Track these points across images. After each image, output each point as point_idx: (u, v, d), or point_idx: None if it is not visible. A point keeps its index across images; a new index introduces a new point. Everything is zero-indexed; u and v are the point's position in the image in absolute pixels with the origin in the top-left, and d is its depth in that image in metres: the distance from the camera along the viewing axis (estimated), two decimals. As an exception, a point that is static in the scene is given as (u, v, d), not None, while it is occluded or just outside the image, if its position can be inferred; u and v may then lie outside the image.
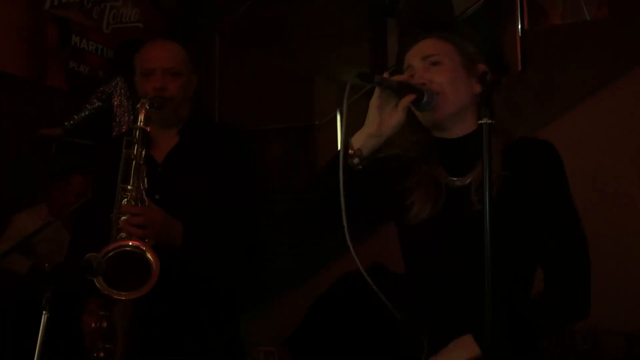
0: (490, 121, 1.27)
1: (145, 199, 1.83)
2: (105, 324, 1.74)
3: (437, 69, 1.46)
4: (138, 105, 1.91)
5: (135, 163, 1.85)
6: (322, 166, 1.46)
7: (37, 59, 4.16)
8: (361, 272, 1.39)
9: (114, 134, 3.64)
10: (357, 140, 1.40)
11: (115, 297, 1.69)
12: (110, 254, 1.71)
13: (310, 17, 4.79)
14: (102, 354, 1.73)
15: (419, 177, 1.48)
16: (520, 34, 2.82)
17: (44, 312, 1.12)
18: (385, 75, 1.37)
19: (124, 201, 1.83)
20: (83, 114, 3.95)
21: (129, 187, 1.84)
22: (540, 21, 2.98)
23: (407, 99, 1.37)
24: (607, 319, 2.53)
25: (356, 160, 1.39)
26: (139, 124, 1.87)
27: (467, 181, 1.45)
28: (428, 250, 1.47)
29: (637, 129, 2.64)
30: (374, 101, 1.39)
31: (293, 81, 4.56)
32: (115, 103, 3.96)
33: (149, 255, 1.72)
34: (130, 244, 1.74)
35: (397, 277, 1.56)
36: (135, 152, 1.86)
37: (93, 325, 1.75)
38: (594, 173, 2.72)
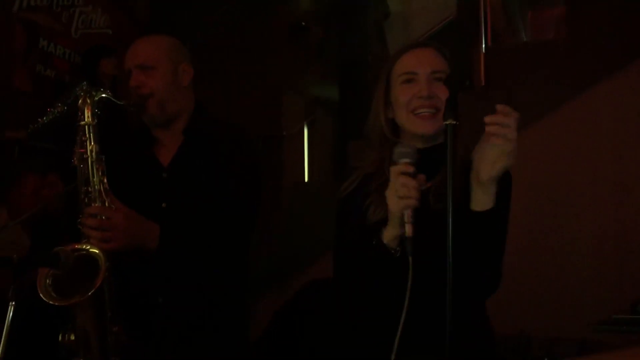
0: (455, 122, 1.33)
1: (106, 199, 1.74)
2: (72, 337, 1.64)
3: (439, 85, 1.49)
4: (80, 102, 1.78)
5: (90, 162, 1.75)
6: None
7: (4, 61, 4.10)
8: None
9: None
10: (392, 242, 1.42)
11: (64, 303, 1.59)
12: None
13: (280, 29, 4.84)
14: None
15: (378, 183, 1.53)
16: (483, 51, 2.91)
17: (10, 302, 1.11)
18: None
19: (86, 203, 1.73)
20: (47, 118, 3.91)
21: (89, 188, 1.74)
22: (502, 40, 3.10)
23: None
24: (560, 327, 2.62)
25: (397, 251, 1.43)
26: (86, 119, 1.75)
27: (427, 186, 1.48)
28: None
29: (592, 144, 2.75)
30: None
31: (261, 91, 4.59)
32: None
33: (93, 251, 1.64)
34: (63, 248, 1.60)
35: None
36: (88, 150, 1.75)
37: (60, 340, 1.64)
38: (550, 184, 2.82)
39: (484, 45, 2.94)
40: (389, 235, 1.43)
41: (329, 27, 4.53)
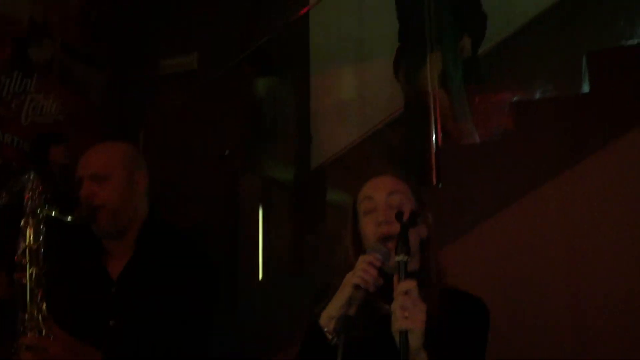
0: (406, 258, 1.34)
1: (43, 327, 1.64)
2: None
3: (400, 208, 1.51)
4: (22, 224, 1.73)
5: (29, 288, 1.66)
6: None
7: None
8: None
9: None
10: (329, 323, 1.44)
11: None
12: None
13: (237, 114, 4.88)
14: None
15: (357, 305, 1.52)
16: (434, 150, 2.98)
17: None
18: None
19: (21, 332, 1.65)
20: (-9, 208, 3.77)
21: (25, 315, 1.65)
22: (453, 138, 3.18)
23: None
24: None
25: (335, 339, 1.42)
26: (27, 242, 1.69)
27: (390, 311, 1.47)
28: None
29: (541, 243, 2.80)
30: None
31: (219, 178, 4.57)
32: (27, 197, 3.81)
33: None
34: None
35: None
36: (27, 275, 1.67)
37: None
38: (504, 280, 2.83)
39: (434, 143, 3.00)
40: (326, 315, 1.42)
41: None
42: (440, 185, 2.92)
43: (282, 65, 4.78)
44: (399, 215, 1.47)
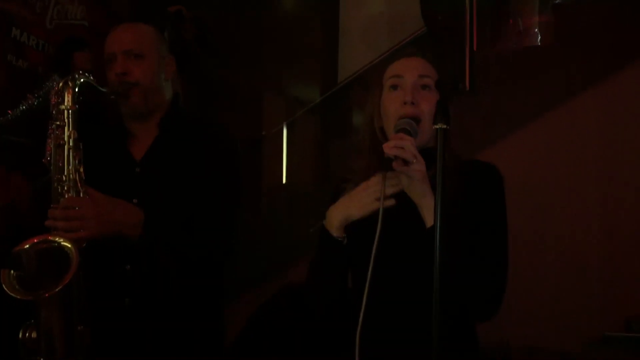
0: (445, 126, 1.28)
1: (81, 189, 1.65)
2: (34, 334, 1.51)
3: (426, 94, 1.47)
4: (61, 84, 1.70)
5: (67, 148, 1.66)
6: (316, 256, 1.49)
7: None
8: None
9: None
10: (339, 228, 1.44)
11: (29, 298, 1.47)
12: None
13: (262, 30, 4.78)
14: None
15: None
16: (469, 55, 2.87)
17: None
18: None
19: (59, 192, 1.64)
20: (18, 111, 3.79)
21: (63, 177, 1.65)
22: (488, 45, 3.06)
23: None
24: (543, 337, 2.57)
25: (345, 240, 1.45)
26: (66, 104, 1.67)
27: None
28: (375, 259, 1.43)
29: (577, 150, 2.74)
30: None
31: (242, 93, 4.51)
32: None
33: (65, 244, 1.53)
34: (36, 240, 1.52)
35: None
36: (65, 136, 1.67)
37: (20, 337, 1.52)
38: (536, 190, 2.79)
39: (469, 49, 2.89)
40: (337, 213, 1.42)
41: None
42: (474, 90, 2.82)
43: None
44: (438, 83, 1.41)
